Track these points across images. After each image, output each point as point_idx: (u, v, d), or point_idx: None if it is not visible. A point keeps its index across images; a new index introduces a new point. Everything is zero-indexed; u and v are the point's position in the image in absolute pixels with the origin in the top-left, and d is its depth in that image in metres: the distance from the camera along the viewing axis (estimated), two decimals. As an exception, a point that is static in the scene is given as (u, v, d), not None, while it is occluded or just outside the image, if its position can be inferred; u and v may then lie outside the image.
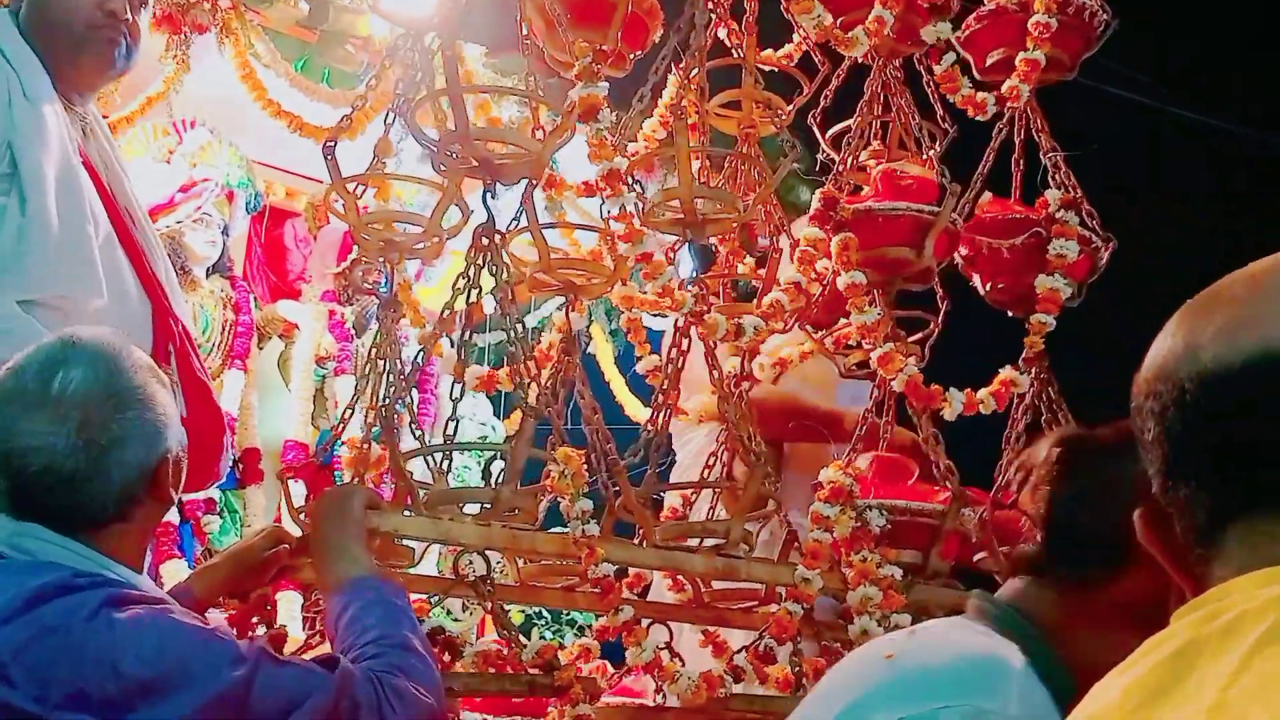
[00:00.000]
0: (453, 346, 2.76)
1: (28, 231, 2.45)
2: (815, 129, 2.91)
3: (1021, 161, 2.82)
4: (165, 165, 3.83)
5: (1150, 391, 0.98)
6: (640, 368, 2.81)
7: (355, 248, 4.03)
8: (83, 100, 2.73)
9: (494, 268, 2.38)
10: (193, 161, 3.83)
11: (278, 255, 4.60)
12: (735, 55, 2.87)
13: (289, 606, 3.04)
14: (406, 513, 2.20)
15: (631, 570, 2.61)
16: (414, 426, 2.48)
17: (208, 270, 3.99)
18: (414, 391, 3.96)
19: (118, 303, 2.57)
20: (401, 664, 1.87)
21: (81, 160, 2.61)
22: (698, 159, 2.71)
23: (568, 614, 4.49)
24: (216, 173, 3.87)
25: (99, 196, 2.61)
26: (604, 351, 4.96)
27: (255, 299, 4.16)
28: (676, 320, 2.56)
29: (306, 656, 1.96)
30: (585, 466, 2.30)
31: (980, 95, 2.78)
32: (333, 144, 2.43)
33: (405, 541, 2.26)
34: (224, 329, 3.97)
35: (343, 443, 2.53)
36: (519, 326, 2.38)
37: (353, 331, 4.23)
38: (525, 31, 2.68)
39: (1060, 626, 1.48)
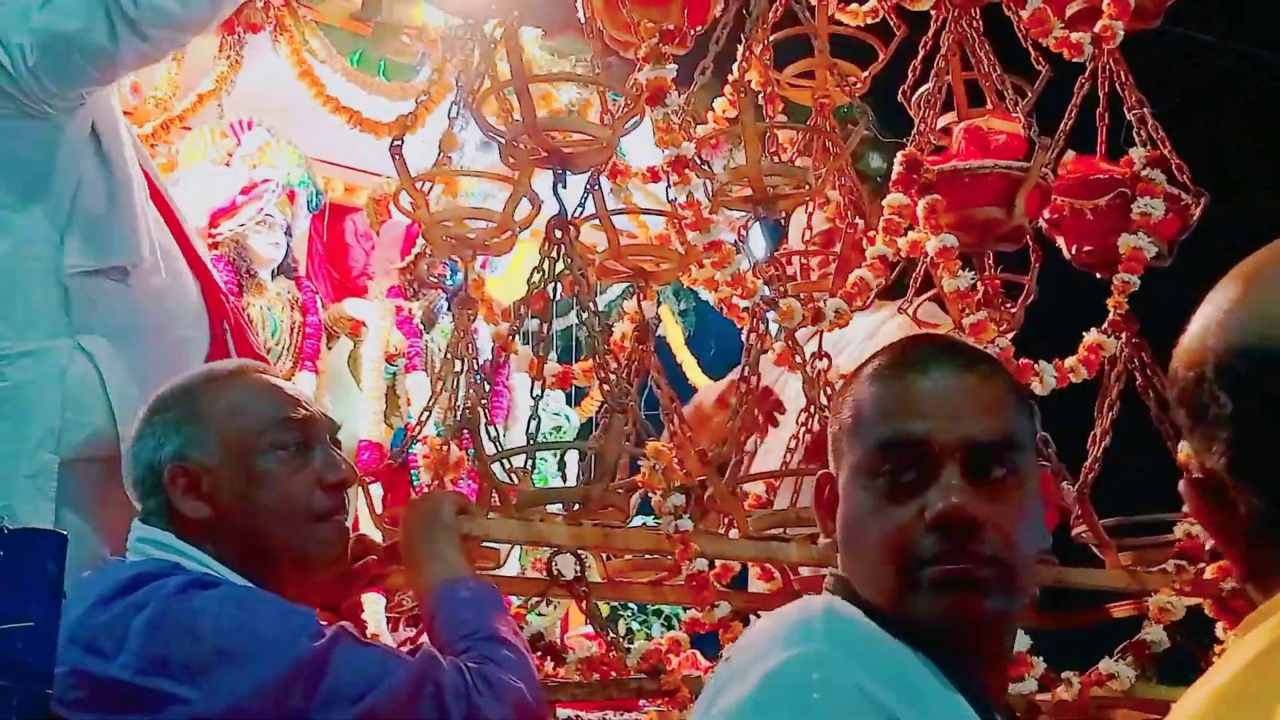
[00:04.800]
0: (526, 343, 2.71)
1: (118, 195, 2.33)
2: (904, 102, 2.79)
3: (1106, 116, 2.69)
4: (225, 168, 3.75)
5: (1220, 364, 0.95)
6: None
7: (419, 241, 4.01)
8: None
9: (569, 260, 2.35)
10: (252, 163, 3.76)
11: (339, 252, 4.51)
12: (805, 22, 2.77)
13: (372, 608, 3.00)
14: (493, 515, 2.17)
15: (718, 560, 2.56)
16: (489, 425, 2.43)
17: (273, 272, 3.93)
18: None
19: (174, 279, 2.44)
20: (491, 654, 1.87)
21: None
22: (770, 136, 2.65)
23: (654, 604, 4.42)
24: (277, 173, 3.79)
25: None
26: (674, 333, 4.86)
27: (321, 298, 4.11)
28: (752, 306, 2.49)
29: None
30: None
31: (1075, 35, 2.64)
32: (399, 142, 2.39)
33: (492, 545, 2.23)
34: (292, 330, 3.89)
35: (419, 440, 2.49)
36: (596, 319, 2.34)
37: (421, 326, 4.15)
38: (587, 14, 2.63)
39: None
